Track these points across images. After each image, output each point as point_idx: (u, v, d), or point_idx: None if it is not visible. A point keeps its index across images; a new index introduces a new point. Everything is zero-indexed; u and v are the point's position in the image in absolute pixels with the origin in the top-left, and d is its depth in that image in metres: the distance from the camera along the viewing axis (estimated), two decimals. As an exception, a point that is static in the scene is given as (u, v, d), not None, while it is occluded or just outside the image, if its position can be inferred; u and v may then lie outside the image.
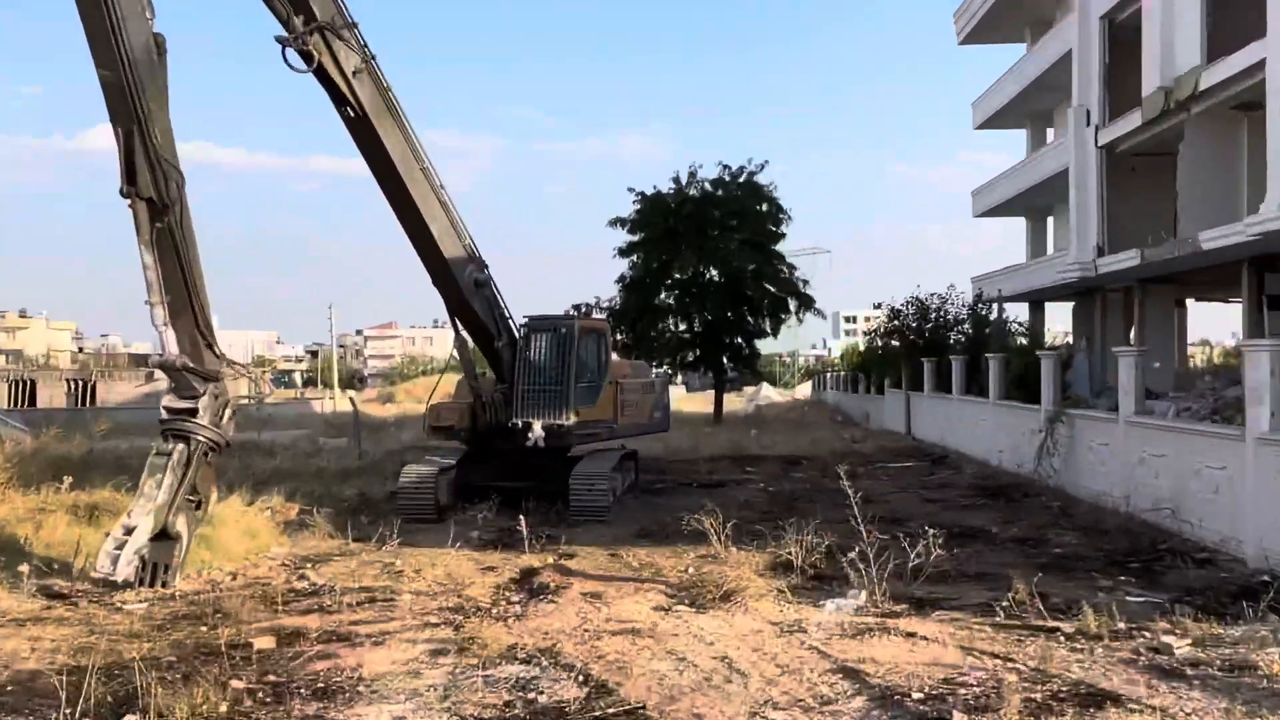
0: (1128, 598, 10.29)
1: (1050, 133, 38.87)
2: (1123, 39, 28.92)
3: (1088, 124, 30.54)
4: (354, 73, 14.59)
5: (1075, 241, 31.48)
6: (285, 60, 14.13)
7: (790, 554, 11.83)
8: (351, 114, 14.88)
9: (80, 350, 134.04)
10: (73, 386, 71.27)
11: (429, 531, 15.00)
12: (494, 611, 10.10)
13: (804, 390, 70.71)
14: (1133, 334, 31.49)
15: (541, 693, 7.39)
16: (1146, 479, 15.15)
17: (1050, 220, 38.80)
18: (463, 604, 10.50)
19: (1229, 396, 16.93)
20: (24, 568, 11.66)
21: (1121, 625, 8.81)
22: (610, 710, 6.92)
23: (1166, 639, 8.36)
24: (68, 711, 6.38)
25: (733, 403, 44.71)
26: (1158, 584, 11.27)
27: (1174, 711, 6.53)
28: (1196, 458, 13.76)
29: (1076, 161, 31.25)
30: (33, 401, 63.29)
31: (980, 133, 44.47)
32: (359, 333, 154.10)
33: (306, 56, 14.05)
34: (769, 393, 65.37)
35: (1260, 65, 21.63)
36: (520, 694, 7.39)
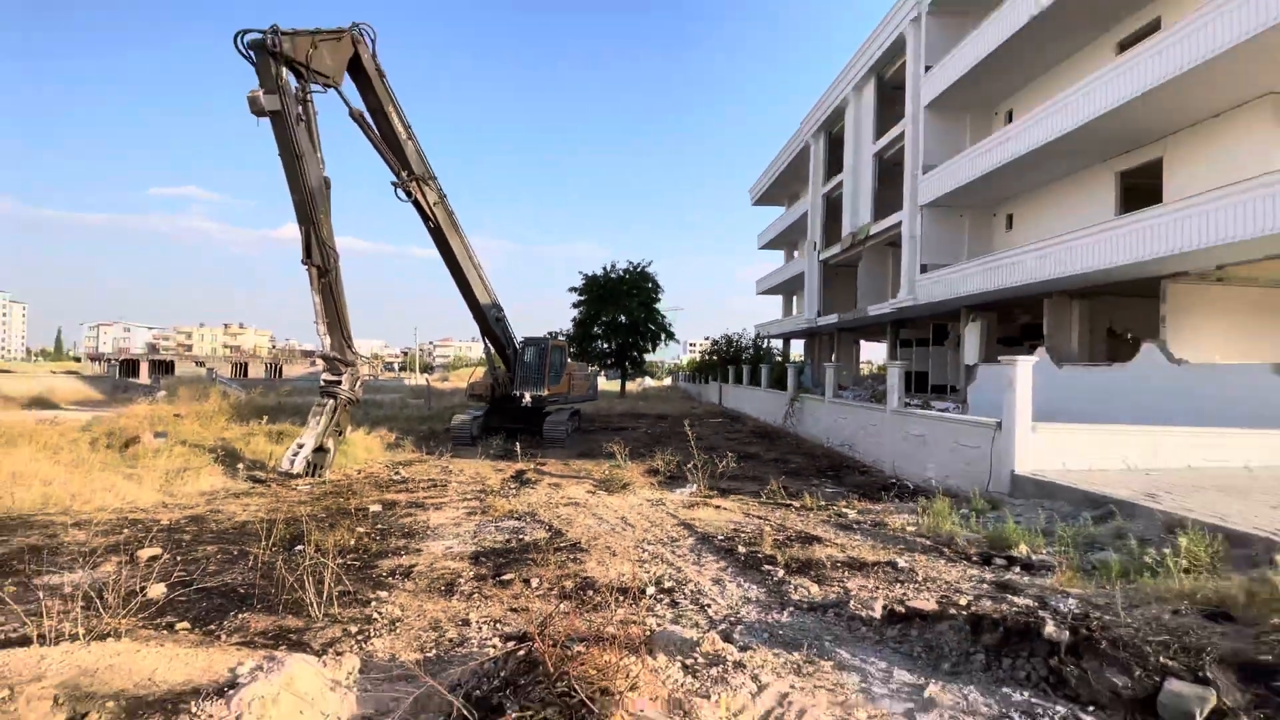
0: (826, 489, 10.58)
1: (796, 253, 39.81)
2: (833, 204, 29.82)
3: (815, 249, 31.35)
4: (434, 203, 14.36)
5: (807, 308, 32.29)
6: (395, 194, 13.96)
7: (658, 465, 11.97)
8: (431, 225, 14.64)
9: (274, 347, 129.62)
10: (268, 367, 69.17)
11: (467, 451, 14.77)
12: (500, 492, 9.98)
13: (668, 380, 70.86)
14: (833, 357, 32.46)
15: (525, 535, 7.40)
16: (839, 429, 15.56)
17: (795, 297, 39.64)
18: (484, 488, 10.38)
19: (880, 389, 17.54)
20: (239, 465, 11.31)
21: (823, 503, 9.04)
22: (562, 543, 6.96)
23: (844, 510, 8.62)
24: (264, 544, 6.22)
25: (631, 387, 44.65)
26: (842, 482, 11.55)
27: (844, 543, 6.83)
28: (863, 419, 14.21)
29: (808, 268, 32.08)
30: (245, 374, 61.60)
31: (763, 251, 45.31)
32: (430, 341, 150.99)
33: (407, 192, 13.89)
34: (649, 381, 65.44)
35: (898, 225, 22.53)
36: (514, 535, 7.39)
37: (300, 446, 11.03)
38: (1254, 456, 9.39)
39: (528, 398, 17.19)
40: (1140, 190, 15.15)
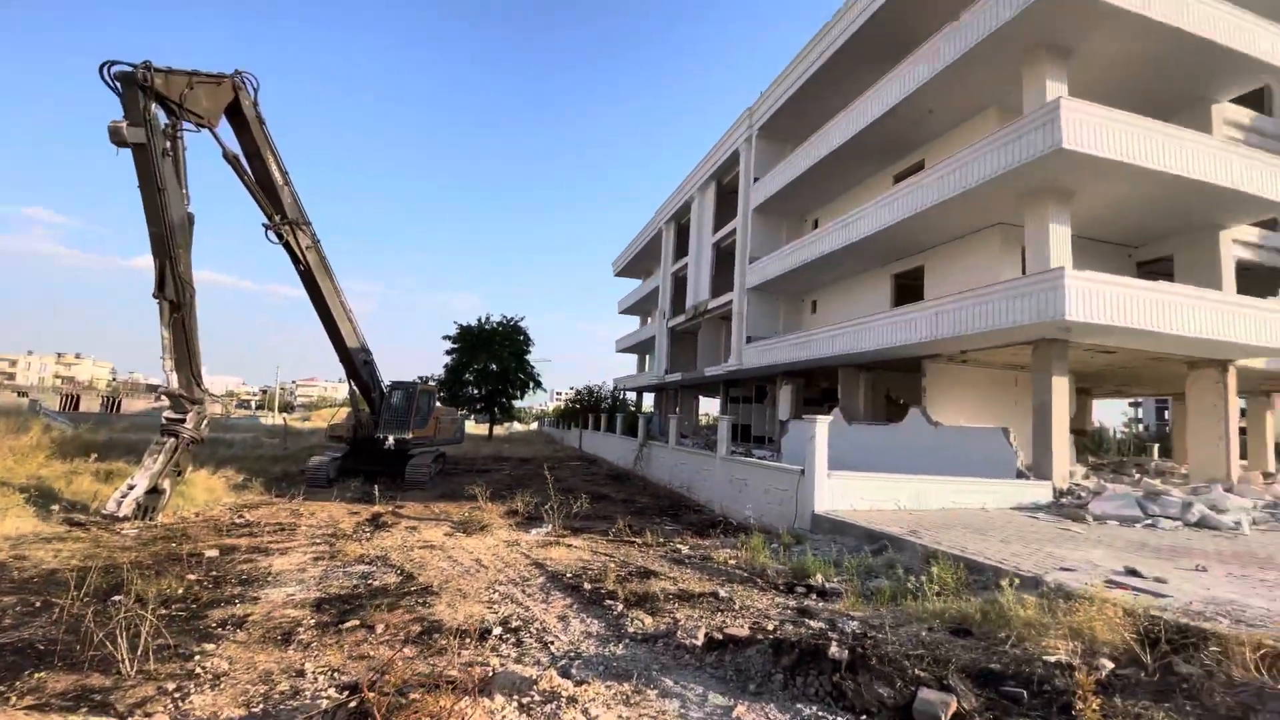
0: (666, 527, 10.72)
1: (649, 319, 41.30)
2: (680, 281, 31.44)
3: (664, 317, 32.69)
4: (306, 248, 13.28)
5: (657, 366, 33.34)
6: (266, 235, 12.77)
7: (518, 506, 11.54)
8: (301, 269, 13.49)
9: (114, 379, 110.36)
10: (106, 401, 58.23)
11: (323, 493, 13.31)
12: (353, 536, 9.06)
13: (534, 426, 69.28)
14: (677, 409, 33.63)
15: (375, 580, 6.74)
16: (679, 473, 15.97)
17: (648, 356, 40.85)
18: (335, 532, 9.38)
19: (713, 438, 18.33)
20: (55, 506, 9.36)
21: (661, 540, 9.13)
22: (413, 587, 6.42)
23: (679, 546, 8.76)
24: (74, 594, 5.13)
25: (498, 431, 43.16)
26: (680, 520, 11.74)
27: (677, 576, 6.91)
28: (699, 464, 14.71)
29: (659, 333, 33.31)
30: (76, 407, 51.15)
31: (622, 315, 46.52)
32: (294, 381, 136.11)
33: (278, 234, 12.77)
34: (517, 426, 63.53)
35: (730, 302, 24.20)
36: (364, 580, 6.70)
37: (131, 487, 9.35)
38: (990, 500, 10.82)
39: (391, 440, 15.95)
40: (909, 289, 17.52)
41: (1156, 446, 25.30)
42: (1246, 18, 12.41)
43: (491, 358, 35.76)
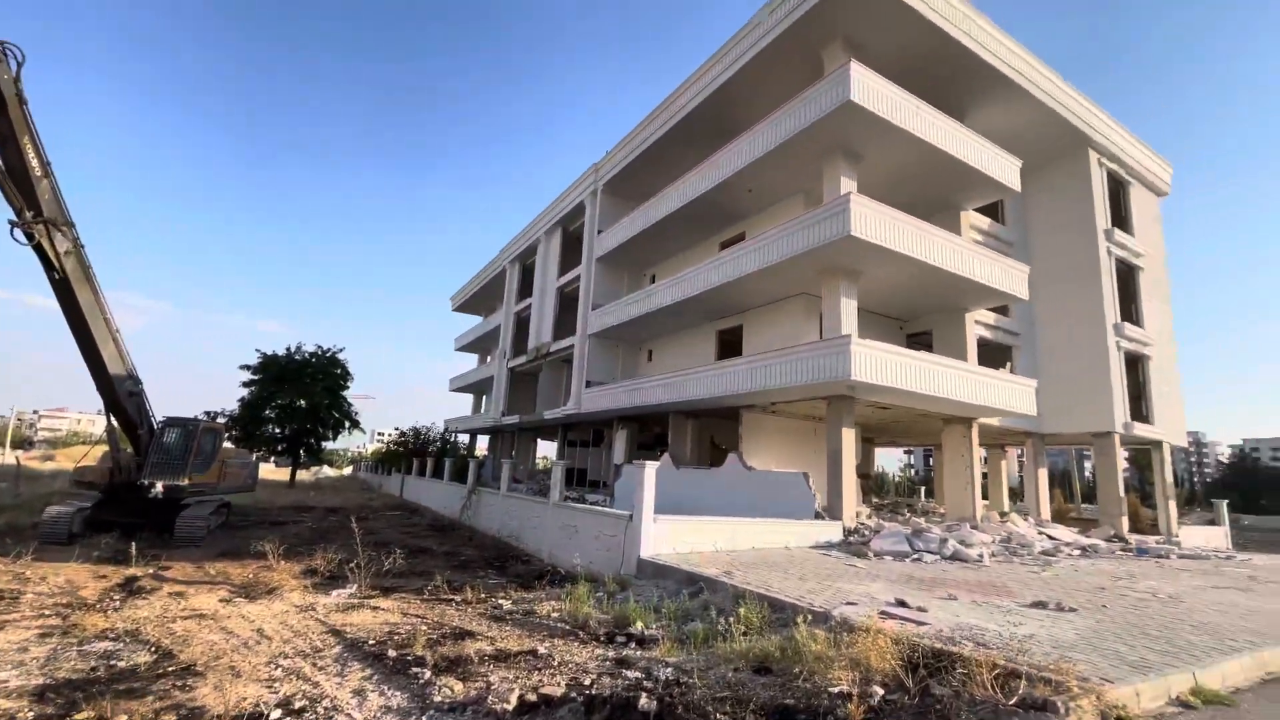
0: (490, 580, 10.20)
1: (489, 358, 40.12)
2: (522, 322, 31.09)
3: (505, 357, 31.96)
4: (64, 253, 11.01)
5: (494, 408, 32.28)
6: (12, 235, 10.38)
7: (318, 564, 10.22)
8: (56, 277, 11.13)
9: None
10: None
11: (62, 551, 10.69)
12: (97, 606, 7.36)
13: (348, 470, 62.83)
14: (513, 452, 32.68)
15: (122, 660, 5.49)
16: (509, 522, 15.37)
17: (485, 396, 39.39)
18: (74, 601, 7.55)
19: (549, 482, 17.99)
20: None
21: (483, 595, 8.65)
22: (170, 668, 5.32)
23: (501, 601, 8.35)
24: None
25: (304, 475, 38.33)
26: (505, 573, 11.26)
27: (496, 635, 6.54)
28: (530, 511, 14.28)
29: (498, 373, 32.41)
30: None
31: (459, 352, 44.59)
32: (36, 411, 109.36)
33: (29, 235, 10.46)
34: (328, 471, 57.06)
35: (571, 346, 24.44)
36: (104, 661, 5.43)
37: None
38: (793, 539, 11.83)
39: (159, 487, 13.38)
40: (731, 344, 19.07)
41: (924, 489, 29.81)
42: (989, 146, 15.78)
43: (300, 392, 31.54)
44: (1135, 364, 19.93)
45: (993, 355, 19.17)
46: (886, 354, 13.06)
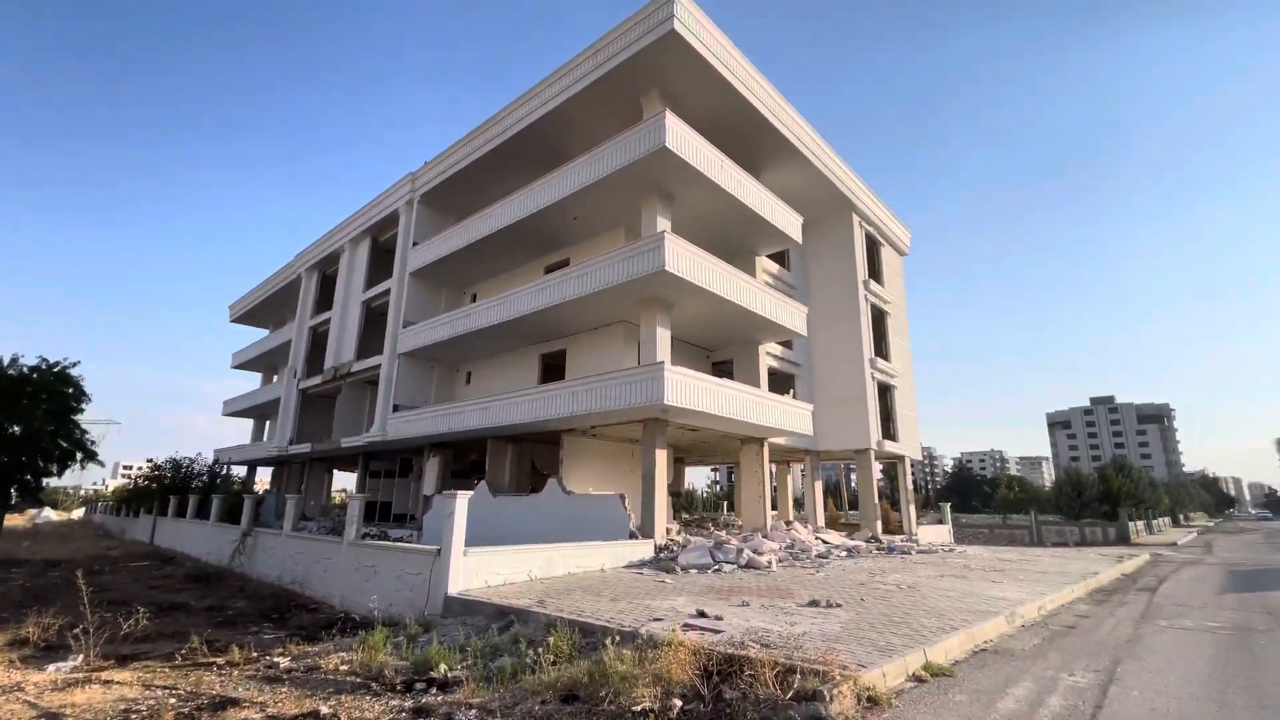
0: (264, 635, 8.81)
1: (276, 377, 35.29)
2: (319, 337, 27.91)
3: (295, 376, 28.33)
4: None
5: (279, 435, 28.31)
6: None
7: (29, 632, 7.99)
8: None
9: None
10: None
11: None
12: None
13: (79, 513, 50.56)
14: (303, 487, 28.90)
15: None
16: (293, 565, 13.54)
17: (269, 422, 34.37)
18: None
19: (344, 519, 16.24)
20: None
21: (255, 654, 7.41)
22: None
23: (277, 659, 7.23)
24: None
25: (16, 521, 29.88)
26: (286, 625, 9.90)
27: (267, 700, 5.64)
28: (320, 552, 12.72)
29: (285, 394, 28.56)
30: None
31: (237, 370, 38.46)
32: None
33: None
34: (49, 514, 45.39)
35: (378, 366, 22.51)
36: None
37: None
38: (608, 560, 12.01)
39: None
40: (554, 368, 19.07)
41: (726, 503, 32.43)
42: (778, 202, 17.97)
43: (12, 416, 24.56)
44: (885, 392, 23.93)
45: (780, 383, 21.67)
46: (695, 380, 14.07)
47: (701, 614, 7.15)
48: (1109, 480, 45.98)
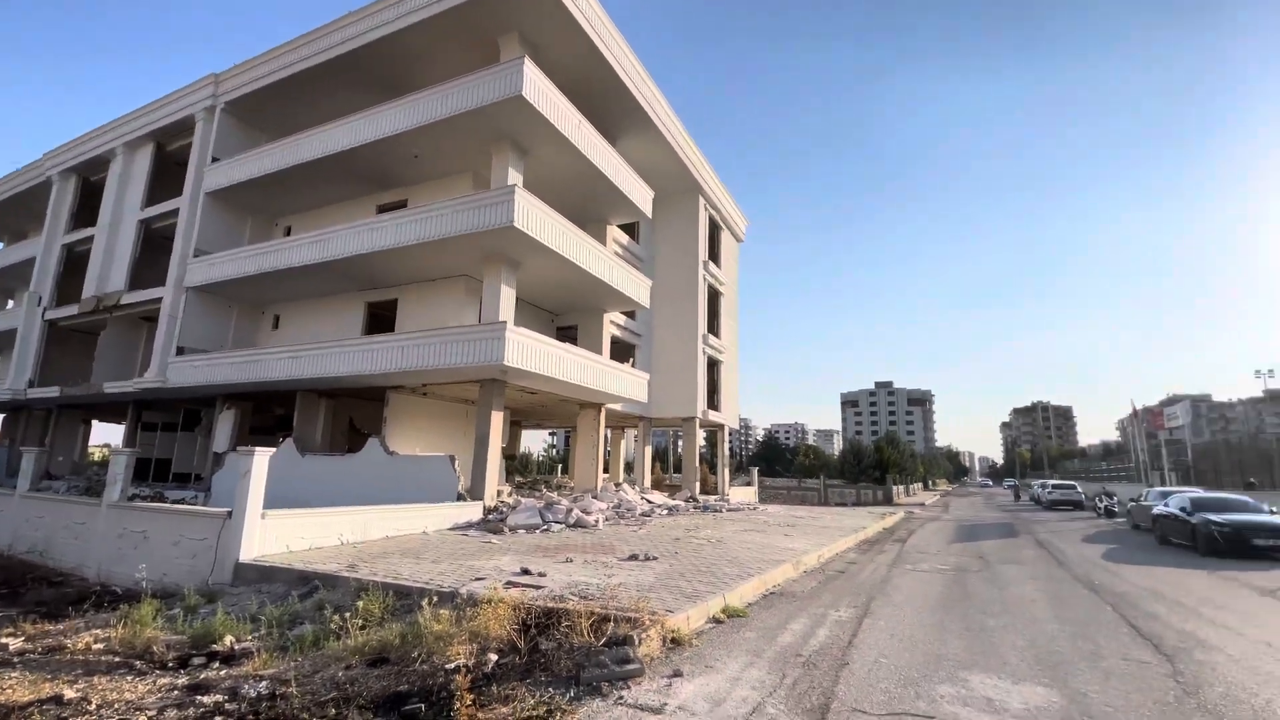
0: (-18, 616, 7.20)
1: (10, 303, 28.31)
2: (77, 259, 22.78)
3: (40, 304, 22.93)
4: None
5: (13, 375, 22.84)
6: None
7: None
8: None
9: None
10: None
11: None
12: None
13: None
14: (48, 440, 23.73)
15: None
16: (31, 531, 11.18)
17: (-3, 358, 27.59)
18: None
19: (103, 478, 13.73)
20: None
21: (-34, 639, 6.06)
22: None
23: (4, 639, 5.99)
24: None
25: None
26: (19, 601, 8.20)
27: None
28: (69, 516, 10.64)
29: (24, 325, 23.03)
30: None
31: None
32: None
33: None
34: None
35: (159, 300, 19.04)
36: None
37: None
38: (432, 523, 11.60)
39: None
40: (383, 319, 17.63)
41: (560, 466, 32.91)
42: (632, 173, 18.14)
43: None
44: (713, 366, 25.79)
45: (621, 352, 22.31)
46: (538, 343, 13.92)
47: (526, 571, 7.24)
48: (882, 451, 54.65)
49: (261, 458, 8.28)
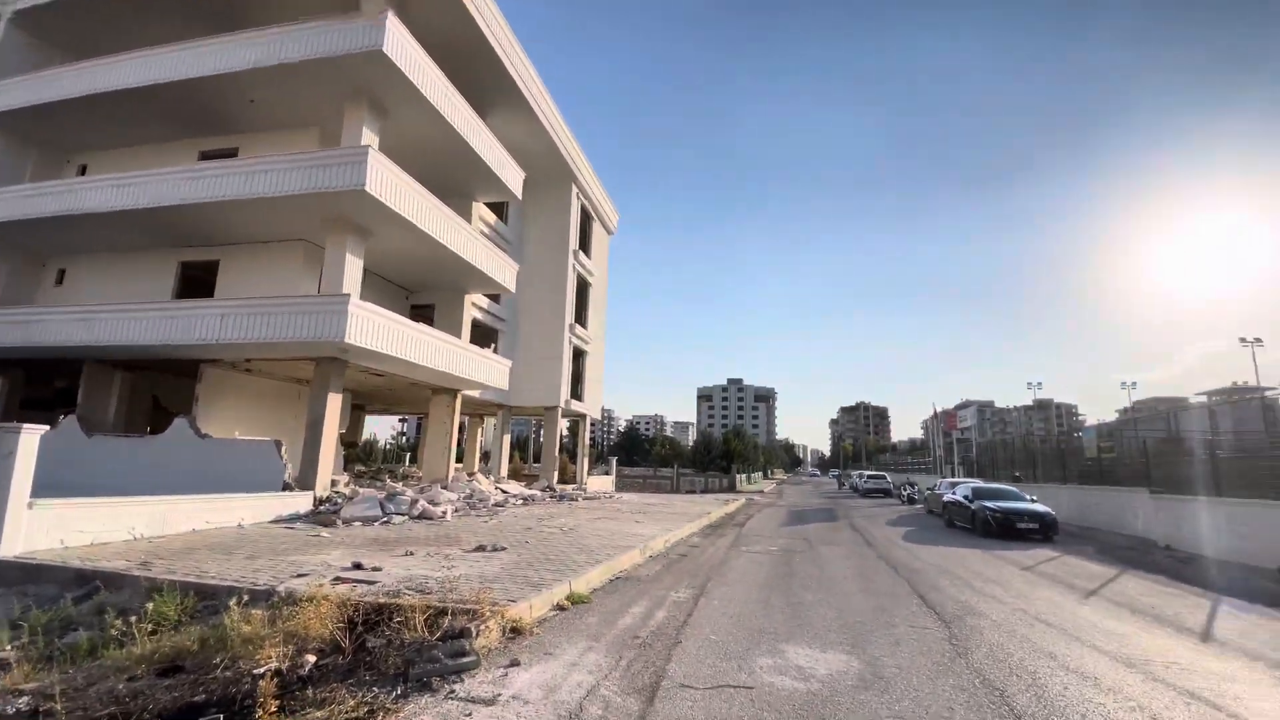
0: None
1: None
2: None
3: None
4: None
5: None
6: None
7: None
8: None
9: None
10: None
11: None
12: None
13: None
14: None
15: None
16: None
17: None
18: None
19: None
20: None
21: None
22: None
23: None
24: None
25: None
26: None
27: None
28: None
29: None
30: None
31: None
32: None
33: None
34: None
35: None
36: None
37: None
38: (249, 515, 10.40)
39: None
40: (200, 281, 15.38)
41: (409, 455, 31.10)
42: (502, 151, 17.48)
43: None
44: (579, 356, 25.86)
45: (483, 336, 21.57)
46: (387, 320, 12.98)
47: (358, 566, 6.76)
48: (729, 443, 58.64)
49: (30, 436, 6.88)
